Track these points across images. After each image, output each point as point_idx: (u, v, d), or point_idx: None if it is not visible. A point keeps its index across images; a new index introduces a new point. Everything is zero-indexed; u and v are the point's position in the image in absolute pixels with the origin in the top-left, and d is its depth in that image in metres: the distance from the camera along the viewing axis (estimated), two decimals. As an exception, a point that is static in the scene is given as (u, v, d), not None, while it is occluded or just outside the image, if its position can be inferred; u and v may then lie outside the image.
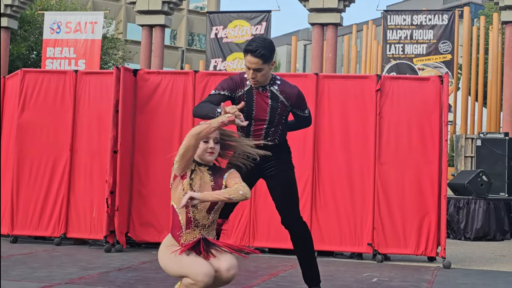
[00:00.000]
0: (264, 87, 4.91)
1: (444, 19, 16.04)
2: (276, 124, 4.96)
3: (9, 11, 18.15)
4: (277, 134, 5.00)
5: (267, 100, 4.90)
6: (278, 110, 4.93)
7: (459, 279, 6.69)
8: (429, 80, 8.22)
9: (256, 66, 4.73)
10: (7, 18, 18.19)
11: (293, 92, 4.97)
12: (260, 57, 4.71)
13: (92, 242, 8.48)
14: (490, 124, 18.17)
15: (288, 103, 4.95)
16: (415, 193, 7.91)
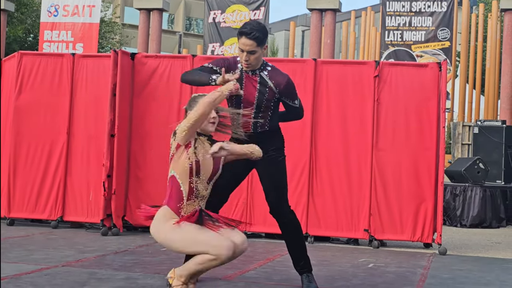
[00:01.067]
0: (254, 72, 4.93)
1: (443, 6, 16.00)
2: (264, 109, 4.96)
3: (6, -7, 18.07)
4: (266, 121, 5.00)
5: (255, 84, 4.92)
6: (266, 95, 4.93)
7: (454, 266, 6.72)
8: (428, 67, 8.22)
9: (250, 48, 4.77)
10: (3, 0, 18.12)
11: (283, 79, 4.96)
12: (255, 40, 4.76)
13: (89, 226, 8.50)
14: (488, 112, 18.18)
15: (276, 90, 4.94)
16: (412, 179, 7.93)
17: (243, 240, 4.41)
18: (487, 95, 18.49)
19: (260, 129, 4.99)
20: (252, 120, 4.92)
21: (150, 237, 7.78)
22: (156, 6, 17.25)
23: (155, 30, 17.45)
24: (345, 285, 5.39)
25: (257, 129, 4.98)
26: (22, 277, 5.14)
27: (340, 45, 24.93)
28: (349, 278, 5.73)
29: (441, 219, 7.80)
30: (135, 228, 8.41)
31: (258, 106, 4.93)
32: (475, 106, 19.09)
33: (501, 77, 15.87)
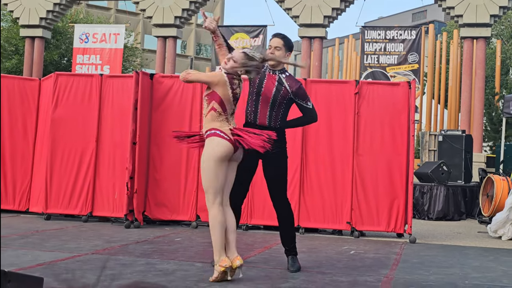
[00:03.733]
0: (274, 72, 5.16)
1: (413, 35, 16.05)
2: (278, 106, 5.09)
3: (43, 23, 18.10)
4: (278, 118, 5.11)
5: (274, 81, 5.12)
6: (281, 93, 5.09)
7: (422, 252, 6.72)
8: (399, 85, 8.23)
9: (277, 44, 5.14)
10: (42, 29, 18.14)
11: (296, 84, 5.19)
12: (282, 39, 5.17)
13: (114, 220, 8.49)
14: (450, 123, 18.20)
15: (290, 90, 5.10)
16: (386, 180, 7.93)
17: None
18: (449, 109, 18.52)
19: (273, 123, 5.08)
20: (267, 119, 5.07)
21: (166, 229, 7.81)
22: (171, 34, 17.28)
23: (170, 54, 17.48)
24: (331, 268, 5.39)
25: (271, 123, 5.07)
26: (58, 263, 5.13)
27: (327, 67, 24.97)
28: (334, 263, 5.73)
29: (411, 213, 7.81)
30: (153, 221, 8.40)
31: (273, 101, 5.07)
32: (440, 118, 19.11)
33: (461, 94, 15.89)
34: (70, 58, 26.14)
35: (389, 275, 5.18)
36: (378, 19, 57.77)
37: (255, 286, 4.49)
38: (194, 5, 17.13)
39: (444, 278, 5.12)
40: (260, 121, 5.07)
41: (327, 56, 24.42)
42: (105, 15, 40.14)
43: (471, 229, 9.55)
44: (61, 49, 27.41)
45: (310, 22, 16.07)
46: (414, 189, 10.86)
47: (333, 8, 15.98)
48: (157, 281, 4.54)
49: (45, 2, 17.88)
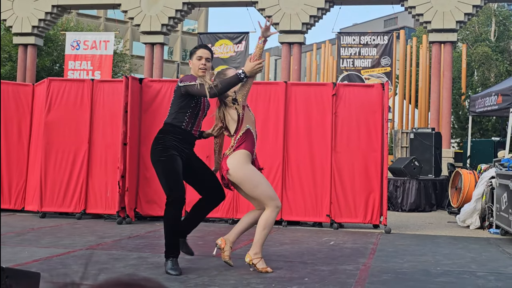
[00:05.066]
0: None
1: (385, 40, 16.13)
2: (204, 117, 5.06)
3: (36, 31, 17.92)
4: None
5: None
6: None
7: (397, 241, 6.76)
8: (373, 87, 8.28)
9: (208, 56, 4.87)
10: (34, 37, 17.95)
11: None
12: (210, 51, 4.95)
13: (106, 216, 8.44)
14: (421, 121, 18.32)
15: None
16: (363, 175, 7.97)
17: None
18: (420, 108, 18.65)
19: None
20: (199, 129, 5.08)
21: (156, 224, 7.77)
22: (158, 41, 17.19)
23: (158, 60, 17.40)
24: (312, 258, 5.39)
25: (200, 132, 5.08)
26: (53, 258, 5.08)
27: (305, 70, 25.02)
28: (315, 253, 5.74)
29: (386, 205, 7.85)
30: (144, 217, 8.37)
31: (205, 115, 5.08)
32: (411, 117, 19.23)
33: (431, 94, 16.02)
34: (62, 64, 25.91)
35: (367, 263, 5.21)
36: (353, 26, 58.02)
37: (241, 277, 4.48)
38: (180, 13, 17.06)
39: (418, 265, 5.16)
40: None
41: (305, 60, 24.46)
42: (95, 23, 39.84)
43: (442, 220, 9.63)
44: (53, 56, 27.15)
45: (289, 28, 16.09)
46: (388, 183, 10.93)
47: (310, 15, 16.02)
48: (149, 274, 4.51)
49: (37, 11, 17.70)
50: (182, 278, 4.39)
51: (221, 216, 8.22)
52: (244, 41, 16.24)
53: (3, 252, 5.30)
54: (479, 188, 8.55)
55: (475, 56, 25.36)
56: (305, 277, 4.53)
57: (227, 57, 16.24)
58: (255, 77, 4.75)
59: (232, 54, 16.28)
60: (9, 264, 4.60)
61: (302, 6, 16.02)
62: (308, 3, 16.00)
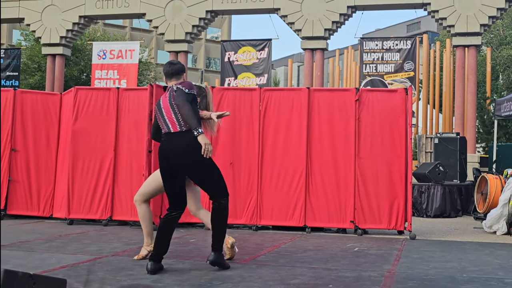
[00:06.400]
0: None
1: (408, 44, 15.98)
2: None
3: (64, 42, 18.17)
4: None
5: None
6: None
7: (422, 248, 6.66)
8: (397, 92, 8.19)
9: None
10: (62, 47, 18.21)
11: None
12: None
13: (132, 223, 8.47)
14: (445, 126, 18.09)
15: None
16: (387, 180, 7.88)
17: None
18: (444, 113, 18.42)
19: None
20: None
21: (181, 231, 7.78)
22: (182, 49, 17.29)
23: (182, 68, 17.47)
24: (336, 265, 5.34)
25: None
26: (80, 265, 5.11)
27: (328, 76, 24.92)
28: (339, 259, 5.68)
29: (411, 211, 7.75)
30: (169, 224, 8.36)
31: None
32: (435, 122, 19.01)
33: (455, 99, 15.81)
34: (89, 73, 26.22)
35: (392, 270, 5.13)
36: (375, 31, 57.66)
37: (265, 283, 4.45)
38: (203, 22, 17.15)
39: (443, 272, 5.06)
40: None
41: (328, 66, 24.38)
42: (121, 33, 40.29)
43: (467, 225, 9.46)
44: (81, 65, 27.51)
45: (311, 35, 16.05)
46: (413, 189, 10.79)
47: (333, 21, 15.96)
48: (173, 280, 4.50)
49: (65, 22, 17.96)
50: (206, 284, 4.37)
51: (245, 222, 8.19)
52: (266, 48, 16.25)
53: (31, 259, 5.35)
54: (506, 193, 8.39)
55: (500, 60, 24.96)
56: (329, 283, 4.48)
57: (250, 64, 16.26)
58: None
59: (255, 61, 16.30)
60: (37, 270, 4.65)
61: (324, 12, 15.97)
62: (331, 9, 15.95)
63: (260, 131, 8.24)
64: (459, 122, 15.37)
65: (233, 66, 16.49)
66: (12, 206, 8.96)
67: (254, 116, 8.29)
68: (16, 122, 9.11)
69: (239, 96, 8.41)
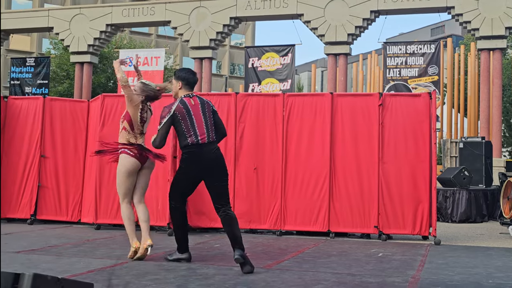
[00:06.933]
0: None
1: (432, 48, 15.83)
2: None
3: (91, 50, 18.44)
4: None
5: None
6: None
7: (447, 253, 6.57)
8: (421, 96, 8.12)
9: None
10: (90, 55, 18.48)
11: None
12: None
13: (157, 228, 8.52)
14: (470, 130, 17.86)
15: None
16: (411, 185, 7.81)
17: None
18: (469, 117, 18.20)
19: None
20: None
21: (205, 236, 7.81)
22: (207, 56, 17.41)
23: (207, 74, 17.60)
24: (360, 270, 5.30)
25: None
26: (107, 269, 5.17)
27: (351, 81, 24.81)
28: (363, 265, 5.64)
29: (435, 216, 7.66)
30: (194, 229, 8.40)
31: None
32: (460, 126, 18.78)
33: (480, 103, 15.61)
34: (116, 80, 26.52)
35: (416, 275, 5.07)
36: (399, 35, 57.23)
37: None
38: (227, 28, 17.24)
39: (469, 278, 4.99)
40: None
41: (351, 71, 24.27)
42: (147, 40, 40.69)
43: (493, 231, 9.31)
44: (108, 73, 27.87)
45: (335, 40, 16.02)
46: (438, 194, 10.67)
47: (356, 26, 15.90)
48: (198, 285, 4.52)
49: (92, 30, 18.22)
50: (230, 289, 4.38)
51: (269, 227, 8.19)
52: (290, 54, 16.25)
53: (60, 263, 5.42)
54: (532, 198, 8.23)
55: (525, 63, 24.57)
56: (353, 289, 4.44)
57: (273, 70, 16.28)
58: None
59: (278, 66, 16.31)
60: (65, 274, 4.71)
61: (348, 17, 15.92)
62: (354, 14, 15.89)
63: (284, 136, 8.24)
64: (484, 126, 15.16)
65: (257, 72, 16.52)
66: (41, 211, 9.09)
67: (277, 122, 8.30)
68: (45, 129, 9.25)
69: (262, 101, 8.42)
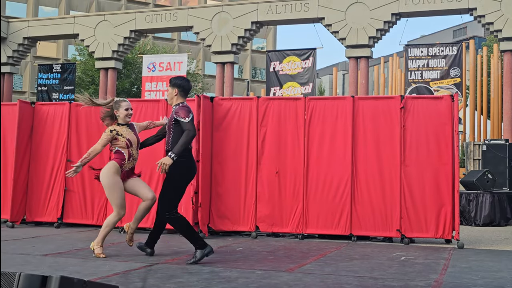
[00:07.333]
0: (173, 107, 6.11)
1: (454, 50, 15.67)
2: (168, 130, 6.02)
3: (115, 56, 18.64)
4: (169, 141, 5.93)
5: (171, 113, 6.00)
6: (172, 120, 5.92)
7: (470, 257, 6.49)
8: (443, 98, 8.04)
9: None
10: (114, 61, 18.68)
11: (179, 107, 5.95)
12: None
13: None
14: (493, 133, 17.62)
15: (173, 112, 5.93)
16: (433, 188, 7.73)
17: (153, 195, 6.23)
18: (492, 119, 17.95)
19: (170, 147, 5.89)
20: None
21: (228, 240, 7.83)
22: (229, 60, 17.47)
23: (228, 78, 17.66)
24: (382, 274, 5.26)
25: (168, 147, 5.93)
26: (131, 272, 5.21)
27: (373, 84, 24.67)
28: (385, 268, 5.60)
29: (458, 219, 7.56)
30: (217, 233, 8.45)
31: (169, 127, 5.97)
32: (483, 129, 18.54)
33: (503, 105, 15.38)
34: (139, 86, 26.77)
35: (439, 279, 5.02)
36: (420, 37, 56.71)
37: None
38: (249, 33, 17.28)
39: (493, 282, 4.92)
40: (165, 147, 6.01)
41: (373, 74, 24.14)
42: (170, 46, 41.02)
43: (518, 234, 9.17)
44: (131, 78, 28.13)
45: (356, 43, 15.95)
46: (461, 197, 10.55)
47: (377, 29, 15.82)
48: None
49: (117, 37, 18.42)
50: (253, 293, 4.38)
51: (290, 231, 8.18)
52: (311, 57, 16.23)
53: (86, 266, 5.49)
54: (558, 200, 8.09)
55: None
56: (375, 293, 4.42)
57: (294, 74, 16.27)
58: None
59: (299, 70, 16.30)
60: (91, 277, 4.76)
61: (369, 20, 15.84)
62: (375, 17, 15.81)
63: (305, 139, 8.23)
64: (508, 129, 14.94)
65: (279, 76, 16.52)
66: (68, 215, 9.21)
67: (299, 125, 8.29)
68: (71, 134, 9.38)
69: (284, 105, 8.43)
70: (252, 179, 8.34)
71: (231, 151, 8.46)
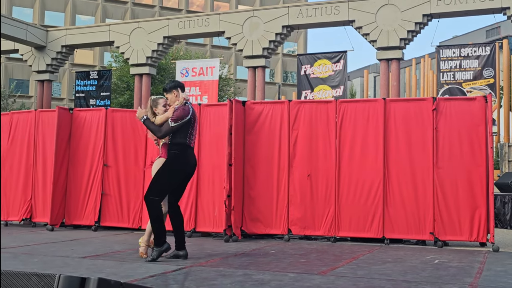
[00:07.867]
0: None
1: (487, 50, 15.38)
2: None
3: (149, 62, 18.88)
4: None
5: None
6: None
7: (506, 261, 6.34)
8: (476, 99, 7.90)
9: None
10: (148, 67, 18.92)
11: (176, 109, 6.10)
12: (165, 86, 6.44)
13: (214, 235, 8.60)
14: (529, 133, 17.22)
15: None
16: (467, 191, 7.59)
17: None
18: (528, 119, 17.53)
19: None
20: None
21: (261, 242, 7.84)
22: (260, 64, 17.51)
23: (260, 82, 17.69)
24: (416, 277, 5.19)
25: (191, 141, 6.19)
26: (167, 274, 5.26)
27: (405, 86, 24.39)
28: (419, 272, 5.52)
29: (493, 222, 7.40)
30: (249, 235, 8.45)
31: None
32: (518, 129, 18.11)
33: (539, 105, 15.02)
34: (173, 90, 27.00)
35: (473, 283, 4.92)
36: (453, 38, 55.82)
37: (344, 295, 4.39)
38: (280, 37, 17.29)
39: (529, 286, 4.80)
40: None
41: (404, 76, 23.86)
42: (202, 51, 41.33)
43: (555, 236, 8.93)
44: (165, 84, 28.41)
45: (387, 45, 15.80)
46: (495, 199, 10.32)
47: (408, 30, 15.64)
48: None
49: (151, 43, 18.66)
50: (285, 296, 4.37)
51: (323, 234, 8.13)
52: (342, 60, 16.14)
53: (122, 268, 5.56)
54: None
55: None
56: (408, 297, 4.36)
57: (325, 77, 16.21)
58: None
59: (330, 73, 16.22)
60: (127, 279, 4.82)
61: (400, 22, 15.67)
62: (406, 18, 15.63)
63: (337, 142, 8.18)
64: (544, 129, 14.58)
65: (310, 79, 16.48)
66: (105, 218, 9.36)
67: (330, 128, 8.25)
68: (107, 139, 9.53)
69: (315, 108, 8.40)
70: (284, 182, 8.33)
71: (263, 154, 8.47)
